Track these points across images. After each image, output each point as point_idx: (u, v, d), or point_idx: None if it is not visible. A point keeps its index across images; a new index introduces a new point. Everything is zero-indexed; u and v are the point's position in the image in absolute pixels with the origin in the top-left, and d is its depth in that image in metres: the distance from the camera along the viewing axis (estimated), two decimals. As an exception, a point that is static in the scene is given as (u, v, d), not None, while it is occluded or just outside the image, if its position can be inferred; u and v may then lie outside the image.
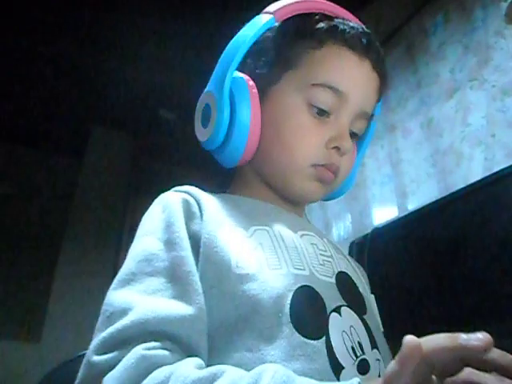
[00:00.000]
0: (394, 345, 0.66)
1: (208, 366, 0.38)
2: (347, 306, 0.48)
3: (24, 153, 3.04)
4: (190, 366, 0.37)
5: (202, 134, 0.56)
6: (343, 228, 1.78)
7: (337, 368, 0.43)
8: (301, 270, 0.48)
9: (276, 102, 0.56)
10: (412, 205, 1.43)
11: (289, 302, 0.44)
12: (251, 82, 0.54)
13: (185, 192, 0.53)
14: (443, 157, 1.33)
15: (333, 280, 0.50)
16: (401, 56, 1.64)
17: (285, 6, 0.56)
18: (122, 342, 0.39)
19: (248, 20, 0.59)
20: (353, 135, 0.58)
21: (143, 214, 0.56)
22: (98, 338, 0.40)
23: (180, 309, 0.42)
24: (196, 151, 0.65)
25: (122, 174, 2.87)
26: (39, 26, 2.18)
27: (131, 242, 0.54)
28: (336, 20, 0.56)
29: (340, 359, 0.43)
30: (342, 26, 0.55)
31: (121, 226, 2.53)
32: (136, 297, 0.42)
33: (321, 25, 0.55)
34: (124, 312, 0.41)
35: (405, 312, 1.07)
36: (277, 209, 0.56)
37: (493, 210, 0.96)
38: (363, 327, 0.48)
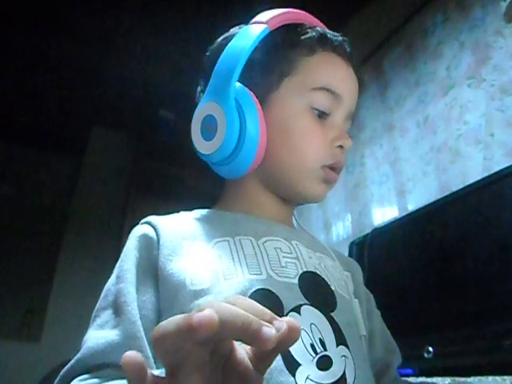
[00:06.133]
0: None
1: None
2: (310, 305, 0.49)
3: (24, 153, 3.04)
4: None
5: (205, 147, 0.54)
6: (343, 228, 1.78)
7: (292, 365, 0.44)
8: (257, 274, 0.50)
9: (279, 109, 0.58)
10: (410, 203, 1.43)
11: None
12: (251, 92, 0.55)
13: (145, 223, 0.57)
14: (438, 155, 1.33)
15: (295, 280, 0.51)
16: (400, 55, 1.64)
17: (276, 16, 0.58)
18: (71, 377, 0.45)
19: (245, 21, 0.60)
20: None
21: (143, 213, 0.59)
22: (61, 372, 0.47)
23: (114, 339, 0.46)
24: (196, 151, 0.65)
25: (122, 173, 2.87)
26: (39, 26, 2.19)
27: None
28: (321, 29, 0.60)
29: (296, 356, 0.45)
30: (329, 35, 0.59)
31: (121, 225, 2.53)
32: (90, 333, 0.48)
33: (311, 33, 0.59)
34: (80, 349, 0.47)
35: (404, 312, 1.07)
36: (247, 218, 0.58)
37: (492, 210, 0.96)
38: (328, 324, 0.49)
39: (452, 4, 1.42)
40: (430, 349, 0.94)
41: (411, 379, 0.88)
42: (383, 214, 1.57)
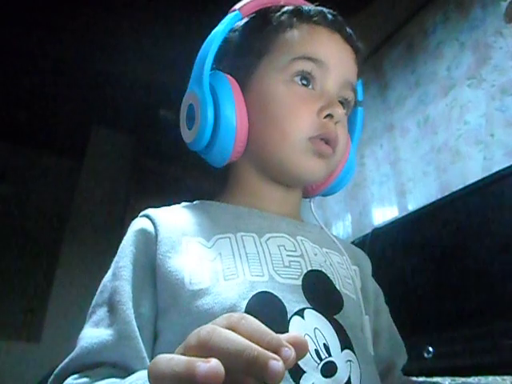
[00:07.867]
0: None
1: None
2: (312, 309, 0.47)
3: (24, 153, 3.04)
4: None
5: (187, 135, 0.55)
6: (343, 228, 1.78)
7: (296, 373, 0.42)
8: (259, 276, 0.48)
9: (259, 88, 0.56)
10: (411, 204, 1.43)
11: (243, 309, 0.44)
12: (230, 77, 0.55)
13: (144, 216, 0.55)
14: (439, 155, 1.34)
15: (298, 282, 0.49)
16: (400, 56, 1.64)
17: (249, 2, 0.58)
18: (64, 376, 0.45)
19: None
20: (342, 105, 0.57)
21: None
22: (55, 370, 0.46)
23: (108, 339, 0.45)
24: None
25: (122, 174, 2.87)
26: (39, 26, 2.19)
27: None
28: (296, 5, 0.58)
29: (300, 363, 0.43)
30: (304, 7, 0.57)
31: (121, 226, 2.53)
32: (86, 331, 0.48)
33: (286, 9, 0.57)
34: (75, 347, 0.47)
35: (405, 312, 1.07)
36: (250, 212, 0.55)
37: (492, 211, 0.96)
38: (332, 328, 0.47)
39: (452, 4, 1.42)
40: (430, 349, 0.94)
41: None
42: (383, 213, 1.57)
